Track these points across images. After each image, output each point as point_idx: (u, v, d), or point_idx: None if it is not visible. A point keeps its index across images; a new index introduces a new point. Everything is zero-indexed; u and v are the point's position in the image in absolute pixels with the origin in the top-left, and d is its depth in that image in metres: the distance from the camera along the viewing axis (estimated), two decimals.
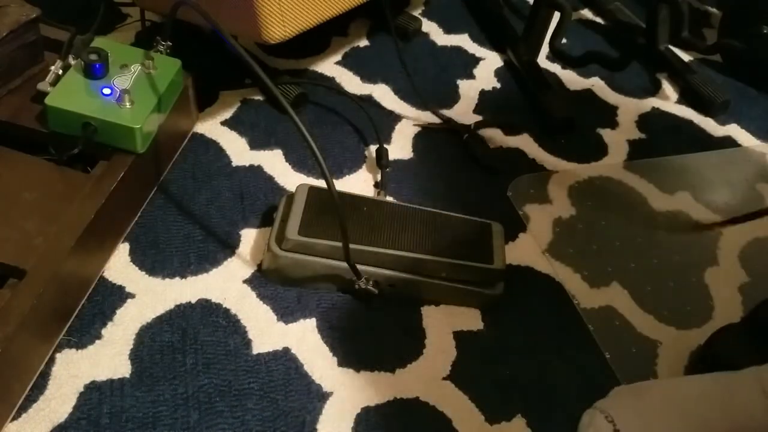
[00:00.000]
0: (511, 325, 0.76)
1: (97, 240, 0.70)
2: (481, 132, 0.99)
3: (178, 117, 0.84)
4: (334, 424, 0.65)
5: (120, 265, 0.74)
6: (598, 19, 1.29)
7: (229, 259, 0.77)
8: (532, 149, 0.98)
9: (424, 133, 0.97)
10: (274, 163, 0.88)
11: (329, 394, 0.67)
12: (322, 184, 0.79)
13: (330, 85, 1.02)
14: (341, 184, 0.88)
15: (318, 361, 0.69)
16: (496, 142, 0.98)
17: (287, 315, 0.72)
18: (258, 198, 0.84)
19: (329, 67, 1.05)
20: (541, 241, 0.85)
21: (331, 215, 0.73)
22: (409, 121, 0.98)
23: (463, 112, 1.02)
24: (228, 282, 0.74)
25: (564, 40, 1.20)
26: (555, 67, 1.14)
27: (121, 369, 0.66)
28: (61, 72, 0.75)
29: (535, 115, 1.03)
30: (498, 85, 1.08)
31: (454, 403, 0.68)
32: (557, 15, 1.04)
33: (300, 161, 0.89)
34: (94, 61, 0.73)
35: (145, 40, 0.98)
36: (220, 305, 0.72)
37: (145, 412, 0.63)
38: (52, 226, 0.66)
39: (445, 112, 1.01)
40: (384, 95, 1.02)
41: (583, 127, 1.03)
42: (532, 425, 0.67)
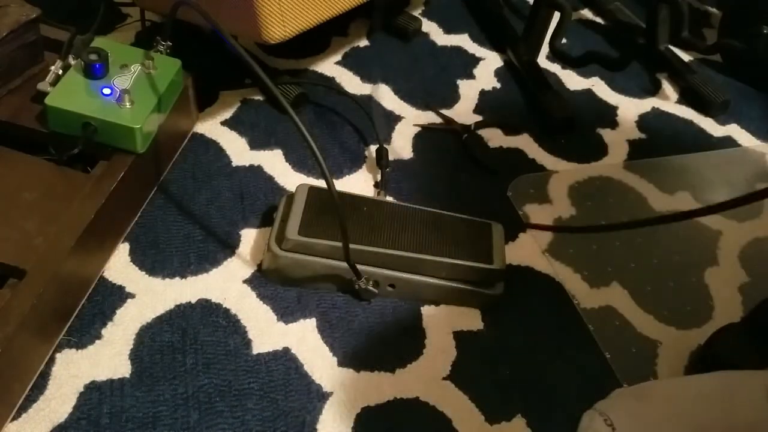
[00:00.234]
0: (511, 325, 0.76)
1: (97, 240, 0.70)
2: (481, 132, 0.99)
3: (178, 117, 0.84)
4: (334, 424, 0.65)
5: (120, 265, 0.74)
6: (598, 19, 1.29)
7: (229, 259, 0.77)
8: (532, 149, 0.98)
9: (424, 133, 0.97)
10: (274, 163, 0.88)
11: (329, 394, 0.67)
12: (322, 184, 0.79)
13: (330, 85, 1.02)
14: (341, 184, 0.88)
15: (318, 361, 0.69)
16: (496, 142, 0.98)
17: (287, 315, 0.72)
18: (258, 198, 0.84)
19: (329, 67, 1.05)
20: (541, 241, 0.85)
21: (331, 215, 0.73)
22: (409, 121, 0.98)
23: (463, 112, 1.02)
24: (228, 282, 0.74)
25: (564, 40, 1.20)
26: (555, 67, 1.14)
27: (121, 369, 0.66)
28: (61, 72, 0.75)
29: (535, 115, 1.03)
30: (498, 85, 1.08)
31: (454, 403, 0.68)
32: (557, 15, 1.04)
33: (300, 161, 0.89)
34: (94, 61, 0.73)
35: (145, 40, 0.98)
36: (220, 305, 0.72)
37: (145, 412, 0.63)
38: (52, 226, 0.66)
39: (445, 112, 1.01)
40: (384, 95, 1.02)
41: (583, 127, 1.03)
42: (532, 425, 0.67)
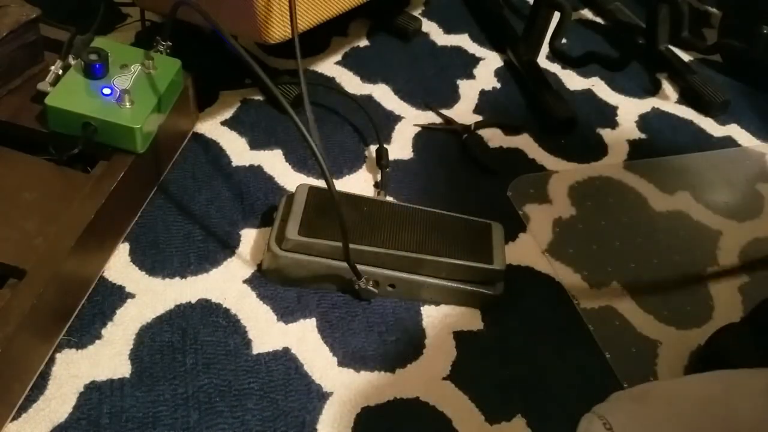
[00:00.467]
0: (511, 325, 0.76)
1: (97, 240, 0.70)
2: (481, 132, 0.99)
3: (178, 117, 0.84)
4: (334, 424, 0.65)
5: (120, 265, 0.74)
6: (598, 19, 1.29)
7: (229, 259, 0.77)
8: (532, 149, 0.98)
9: (424, 133, 0.97)
10: (274, 163, 0.88)
11: (329, 394, 0.67)
12: (322, 184, 0.79)
13: (330, 85, 1.02)
14: (341, 184, 0.88)
15: (318, 361, 0.69)
16: (496, 142, 0.98)
17: (287, 315, 0.72)
18: (258, 198, 0.84)
19: (329, 67, 1.05)
20: (541, 241, 0.85)
21: (331, 215, 0.73)
22: (409, 121, 0.98)
23: (463, 112, 1.02)
24: (228, 282, 0.74)
25: (564, 40, 1.20)
26: (555, 67, 1.14)
27: (121, 369, 0.66)
28: (61, 72, 0.75)
29: (535, 115, 1.03)
30: (498, 85, 1.08)
31: (454, 403, 0.68)
32: (557, 15, 1.04)
33: (300, 161, 0.89)
34: (94, 61, 0.73)
35: (145, 40, 0.98)
36: (220, 305, 0.72)
37: (145, 412, 0.63)
38: (52, 226, 0.65)
39: (445, 112, 1.01)
40: (384, 95, 1.02)
41: (583, 127, 1.03)
42: (532, 425, 0.67)
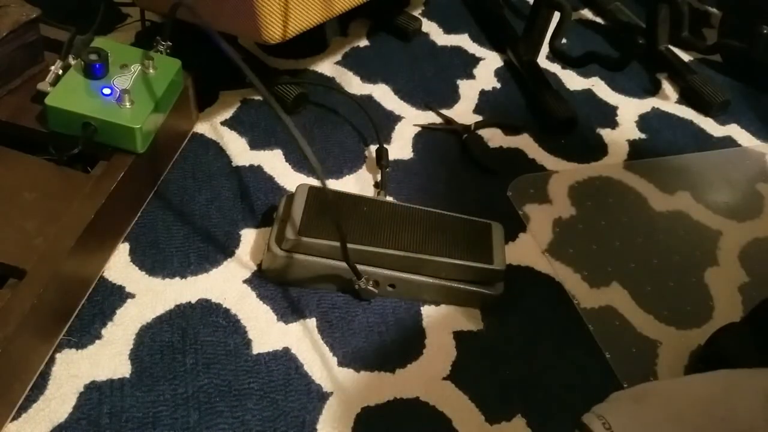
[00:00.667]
0: (511, 325, 0.76)
1: (97, 240, 0.70)
2: (481, 132, 0.99)
3: (178, 117, 0.84)
4: (334, 424, 0.65)
5: (120, 265, 0.74)
6: (598, 19, 1.29)
7: (229, 259, 0.77)
8: (532, 149, 0.98)
9: (424, 133, 0.97)
10: (274, 163, 0.88)
11: (329, 394, 0.67)
12: None
13: (330, 85, 1.02)
14: (341, 184, 0.88)
15: (318, 361, 0.69)
16: (496, 142, 0.98)
17: (287, 315, 0.72)
18: (258, 198, 0.84)
19: (329, 67, 1.05)
20: (541, 241, 0.85)
21: (331, 215, 0.73)
22: (409, 121, 0.98)
23: (463, 112, 1.02)
24: (228, 282, 0.74)
25: (564, 40, 1.20)
26: (555, 67, 1.14)
27: (121, 369, 0.66)
28: (61, 72, 0.75)
29: (535, 115, 1.03)
30: (498, 85, 1.08)
31: (454, 403, 0.68)
32: (557, 15, 1.04)
33: (300, 161, 0.89)
34: (94, 61, 0.73)
35: (145, 40, 0.98)
36: (220, 305, 0.72)
37: (145, 412, 0.63)
38: (52, 226, 0.65)
39: (445, 112, 1.01)
40: (384, 95, 1.02)
41: (583, 127, 1.03)
42: (532, 425, 0.67)
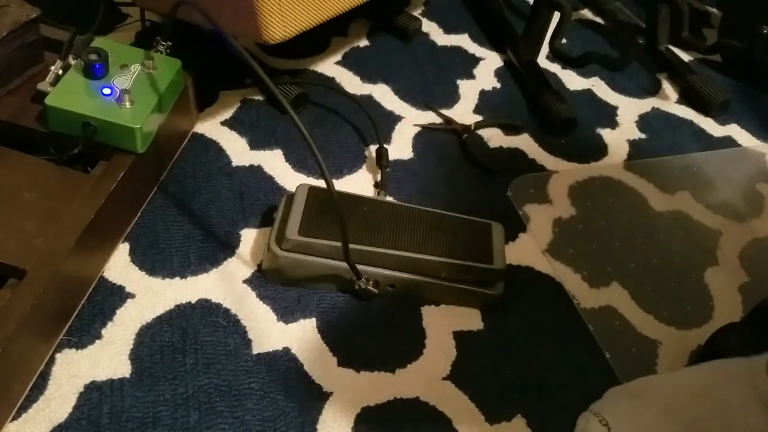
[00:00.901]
0: (511, 325, 0.76)
1: (97, 240, 0.70)
2: (481, 132, 0.99)
3: (178, 117, 0.84)
4: (334, 424, 0.65)
5: (120, 265, 0.74)
6: (598, 19, 1.29)
7: (229, 259, 0.77)
8: (532, 149, 0.98)
9: (424, 133, 0.97)
10: (274, 163, 0.88)
11: (329, 394, 0.67)
12: (322, 184, 0.79)
13: (330, 85, 1.02)
14: (341, 184, 0.88)
15: (318, 361, 0.69)
16: (496, 142, 0.98)
17: (287, 315, 0.72)
18: (258, 198, 0.84)
19: (329, 67, 1.05)
20: (541, 241, 0.85)
21: (331, 215, 0.73)
22: (409, 121, 0.98)
23: (463, 112, 1.02)
24: (228, 282, 0.74)
25: (564, 40, 1.20)
26: (555, 67, 1.14)
27: (121, 369, 0.66)
28: (61, 72, 0.75)
29: (535, 115, 1.03)
30: (498, 85, 1.08)
31: (454, 403, 0.68)
32: (557, 15, 1.04)
33: (300, 161, 0.89)
34: (94, 61, 0.73)
35: (145, 40, 0.98)
36: (220, 305, 0.72)
37: (145, 412, 0.63)
38: (52, 226, 0.65)
39: (445, 112, 1.01)
40: (384, 95, 1.02)
41: (583, 127, 1.04)
42: (532, 425, 0.67)
